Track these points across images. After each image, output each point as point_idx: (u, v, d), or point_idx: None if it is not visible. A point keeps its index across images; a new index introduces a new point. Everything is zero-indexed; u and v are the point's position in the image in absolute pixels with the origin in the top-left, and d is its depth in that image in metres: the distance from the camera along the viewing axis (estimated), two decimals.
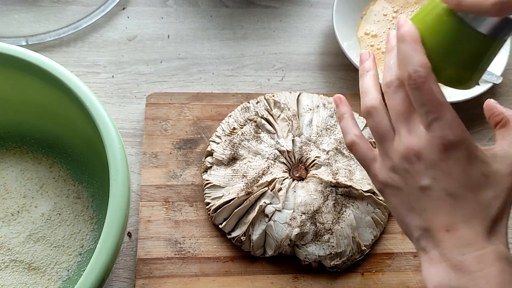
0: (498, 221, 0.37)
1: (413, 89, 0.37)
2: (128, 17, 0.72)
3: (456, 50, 0.37)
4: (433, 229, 0.37)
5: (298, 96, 0.64)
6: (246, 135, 0.60)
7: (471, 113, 0.70)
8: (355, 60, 0.66)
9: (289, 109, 0.62)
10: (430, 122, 0.37)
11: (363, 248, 0.57)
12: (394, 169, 0.40)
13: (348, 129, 0.46)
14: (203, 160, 0.62)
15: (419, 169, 0.38)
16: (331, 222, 0.56)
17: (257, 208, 0.56)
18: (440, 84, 0.38)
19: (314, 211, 0.56)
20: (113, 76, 0.68)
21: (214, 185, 0.59)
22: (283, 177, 0.58)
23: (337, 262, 0.56)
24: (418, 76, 0.36)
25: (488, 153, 0.39)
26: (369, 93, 0.42)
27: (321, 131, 0.61)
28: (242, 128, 0.62)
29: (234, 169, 0.59)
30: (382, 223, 0.59)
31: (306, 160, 0.59)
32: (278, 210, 0.56)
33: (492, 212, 0.37)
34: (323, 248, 0.56)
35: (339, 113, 0.47)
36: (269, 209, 0.56)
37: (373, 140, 0.60)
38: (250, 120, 0.62)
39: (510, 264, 0.36)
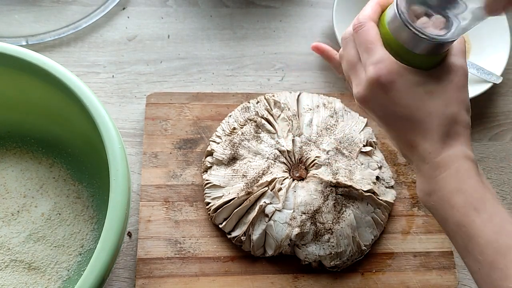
0: (454, 125, 0.41)
1: (355, 34, 0.43)
2: (128, 17, 0.72)
3: (404, 57, 0.41)
4: (403, 150, 0.44)
5: (298, 96, 0.64)
6: (246, 135, 0.60)
7: (471, 113, 0.70)
8: None
9: (289, 109, 0.62)
10: (364, 62, 0.42)
11: (363, 248, 0.57)
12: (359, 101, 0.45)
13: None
14: (203, 160, 0.62)
15: (372, 107, 0.43)
16: (331, 222, 0.56)
17: (257, 208, 0.56)
18: None
19: (314, 211, 0.56)
20: (113, 76, 0.68)
21: (214, 185, 0.59)
22: (283, 177, 0.58)
23: (337, 262, 0.56)
24: (358, 22, 0.43)
25: (427, 73, 0.42)
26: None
27: (321, 131, 0.61)
28: (242, 128, 0.62)
29: (234, 169, 0.59)
30: (382, 223, 0.59)
31: (306, 160, 0.59)
32: (278, 210, 0.56)
33: (444, 120, 0.40)
34: (323, 248, 0.56)
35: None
36: (269, 209, 0.56)
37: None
38: (250, 120, 0.62)
39: (468, 161, 0.41)
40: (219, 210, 0.57)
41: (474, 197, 0.39)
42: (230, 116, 0.64)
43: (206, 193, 0.59)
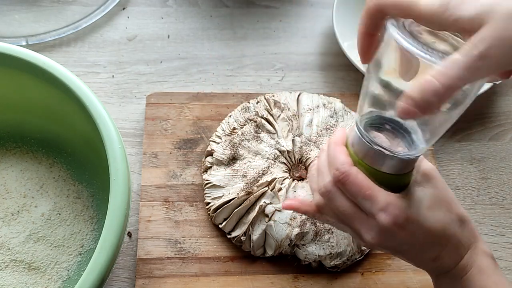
0: (463, 225, 0.42)
1: (342, 186, 0.40)
2: (128, 17, 0.72)
3: (378, 179, 0.40)
4: (423, 267, 0.45)
5: (298, 96, 0.64)
6: (246, 135, 0.60)
7: (471, 113, 0.70)
8: (355, 60, 0.66)
9: (289, 109, 0.62)
10: (370, 210, 0.40)
11: (363, 248, 0.57)
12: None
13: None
14: (203, 160, 0.62)
15: (389, 246, 0.42)
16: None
17: (257, 208, 0.56)
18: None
19: None
20: (113, 76, 0.68)
21: (214, 185, 0.59)
22: (283, 177, 0.58)
23: (337, 262, 0.56)
24: (340, 172, 0.40)
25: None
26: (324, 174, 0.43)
27: (321, 131, 0.61)
28: (242, 128, 0.62)
29: (234, 169, 0.59)
30: None
31: (306, 160, 0.59)
32: (278, 210, 0.56)
33: (454, 226, 0.42)
34: (323, 248, 0.56)
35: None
36: (269, 209, 0.56)
37: None
38: (250, 120, 0.62)
39: (487, 257, 0.42)
40: (219, 210, 0.57)
41: None
42: (230, 116, 0.64)
43: (206, 193, 0.59)
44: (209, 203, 0.59)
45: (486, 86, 0.67)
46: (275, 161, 0.59)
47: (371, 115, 0.40)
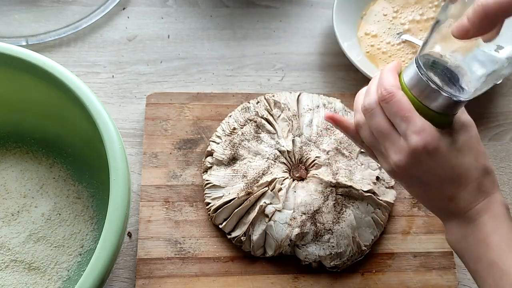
0: (487, 175, 0.44)
1: (385, 104, 0.43)
2: (128, 17, 0.72)
3: (421, 112, 0.43)
4: (439, 205, 0.47)
5: (298, 96, 0.64)
6: (246, 135, 0.60)
7: (471, 113, 0.70)
8: (355, 60, 0.66)
9: (289, 109, 0.62)
10: (404, 131, 0.42)
11: (363, 248, 0.57)
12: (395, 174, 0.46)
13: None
14: (203, 160, 0.62)
15: (414, 173, 0.44)
16: (331, 222, 0.56)
17: (257, 208, 0.56)
18: None
19: (314, 211, 0.56)
20: (113, 76, 0.68)
21: (214, 185, 0.59)
22: (283, 177, 0.58)
23: (337, 262, 0.56)
24: (387, 92, 0.43)
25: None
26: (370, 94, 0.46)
27: (321, 131, 0.61)
28: (242, 128, 0.62)
29: (234, 169, 0.59)
30: (382, 223, 0.59)
31: (306, 160, 0.59)
32: (278, 210, 0.56)
33: (479, 173, 0.44)
34: (323, 248, 0.56)
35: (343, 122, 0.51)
36: (269, 209, 0.56)
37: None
38: (250, 120, 0.62)
39: (503, 206, 0.44)
40: (219, 210, 0.57)
41: (509, 238, 0.42)
42: (230, 116, 0.64)
43: (206, 193, 0.59)
44: (209, 203, 0.59)
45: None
46: (275, 161, 0.59)
47: (429, 58, 0.42)
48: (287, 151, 0.59)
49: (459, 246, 0.45)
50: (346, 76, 0.71)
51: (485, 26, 0.37)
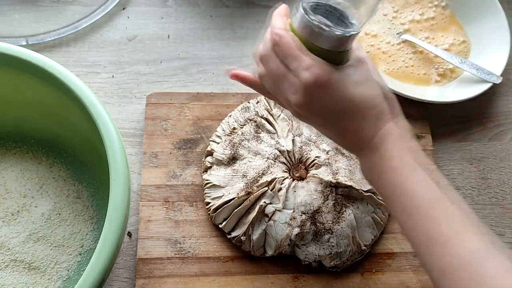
0: (386, 101, 0.45)
1: (276, 48, 0.44)
2: (128, 17, 0.72)
3: (315, 52, 0.44)
4: (346, 140, 0.47)
5: None
6: (246, 135, 0.60)
7: (471, 113, 0.70)
8: None
9: None
10: (296, 69, 0.43)
11: (363, 248, 0.57)
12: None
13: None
14: (203, 160, 0.62)
15: (313, 110, 0.45)
16: (331, 222, 0.56)
17: (257, 208, 0.56)
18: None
19: (314, 211, 0.56)
20: (113, 76, 0.68)
21: (214, 185, 0.59)
22: (283, 177, 0.58)
23: (337, 262, 0.56)
24: (276, 34, 0.44)
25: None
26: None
27: None
28: (242, 128, 0.62)
29: (234, 169, 0.59)
30: (382, 223, 0.59)
31: (306, 160, 0.59)
32: (278, 210, 0.56)
33: (376, 101, 0.44)
34: (323, 248, 0.56)
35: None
36: (269, 209, 0.56)
37: None
38: (250, 120, 0.62)
39: (403, 129, 0.45)
40: (219, 210, 0.57)
41: (409, 160, 0.43)
42: (230, 116, 0.64)
43: (206, 193, 0.59)
44: (209, 203, 0.59)
45: (486, 86, 0.67)
46: (275, 161, 0.59)
47: (312, 1, 0.44)
48: (287, 151, 0.59)
49: (370, 177, 0.46)
50: None
51: None
